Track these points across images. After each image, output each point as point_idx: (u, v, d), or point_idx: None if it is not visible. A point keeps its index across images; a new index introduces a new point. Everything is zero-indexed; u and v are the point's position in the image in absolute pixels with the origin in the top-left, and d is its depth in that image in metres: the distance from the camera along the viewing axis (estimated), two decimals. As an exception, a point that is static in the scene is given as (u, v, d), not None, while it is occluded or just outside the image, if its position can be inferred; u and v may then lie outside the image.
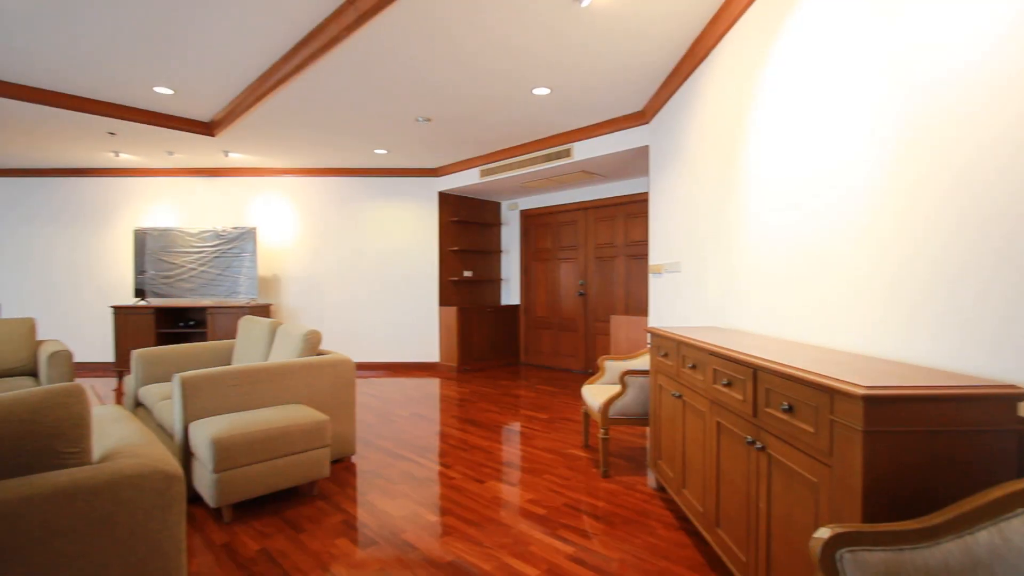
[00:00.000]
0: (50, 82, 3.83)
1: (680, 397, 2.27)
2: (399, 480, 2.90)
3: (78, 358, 6.44)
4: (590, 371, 6.27)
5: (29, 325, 3.85)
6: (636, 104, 4.07)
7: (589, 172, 5.33)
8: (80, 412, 1.29)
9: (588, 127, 4.63)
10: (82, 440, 1.30)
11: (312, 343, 3.14)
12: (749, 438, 1.61)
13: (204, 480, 2.39)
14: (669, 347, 2.42)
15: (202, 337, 5.99)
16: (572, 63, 3.31)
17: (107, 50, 3.27)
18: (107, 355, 6.41)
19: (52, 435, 1.25)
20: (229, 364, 3.69)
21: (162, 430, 2.96)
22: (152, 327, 5.70)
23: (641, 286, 5.74)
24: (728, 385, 1.78)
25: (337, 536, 2.26)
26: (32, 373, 3.77)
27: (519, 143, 5.25)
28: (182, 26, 2.96)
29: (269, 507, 2.55)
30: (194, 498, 2.62)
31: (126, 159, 5.85)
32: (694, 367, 2.10)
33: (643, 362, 3.40)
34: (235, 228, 5.93)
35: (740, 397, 1.69)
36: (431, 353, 6.57)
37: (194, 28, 2.98)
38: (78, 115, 4.30)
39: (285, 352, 3.18)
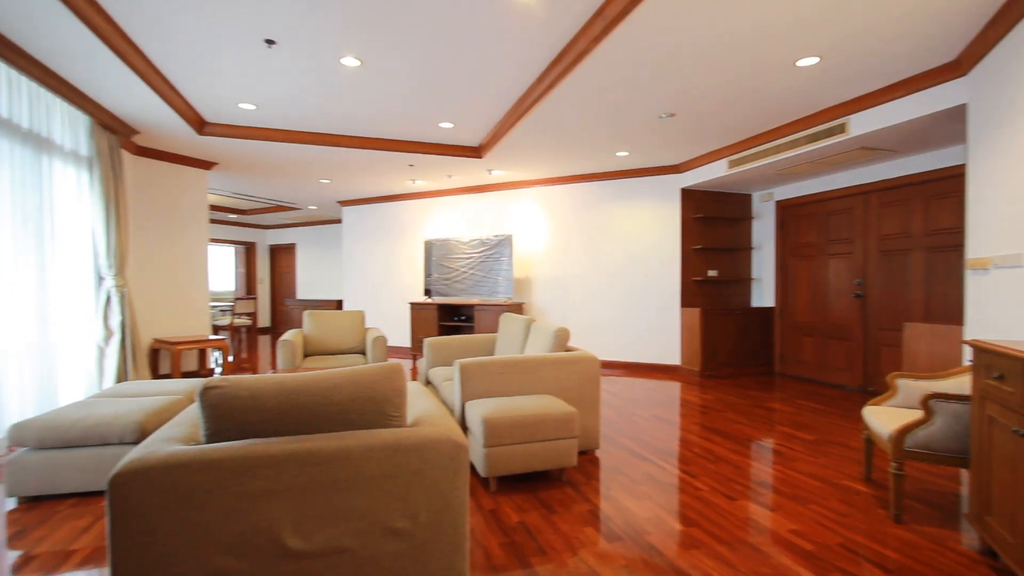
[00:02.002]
0: (372, 132, 5.04)
1: (1025, 437, 1.70)
2: (641, 480, 2.91)
3: (388, 343, 8.32)
4: (871, 389, 5.18)
5: (360, 316, 5.13)
6: (946, 53, 3.19)
7: (870, 148, 4.40)
8: (401, 385, 1.67)
9: (869, 94, 3.83)
10: (402, 407, 1.68)
11: (561, 339, 3.39)
12: None
13: (476, 452, 2.82)
14: (1007, 368, 1.83)
15: (471, 330, 7.06)
16: (854, 13, 2.79)
17: (410, 100, 4.14)
18: (404, 341, 8.10)
19: (384, 400, 1.65)
20: (492, 354, 4.26)
21: (444, 406, 3.60)
22: (435, 320, 6.99)
23: (950, 286, 4.47)
24: (1119, 430, 1.26)
25: (584, 524, 2.40)
26: (361, 352, 5.03)
27: (775, 126, 4.66)
28: (459, 68, 3.54)
29: (525, 485, 2.85)
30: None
31: (420, 184, 7.29)
32: (1051, 399, 1.55)
33: (956, 384, 2.65)
34: (495, 236, 6.80)
35: None
36: (671, 355, 6.37)
37: (468, 68, 3.53)
38: (389, 154, 5.55)
39: (538, 346, 3.50)
